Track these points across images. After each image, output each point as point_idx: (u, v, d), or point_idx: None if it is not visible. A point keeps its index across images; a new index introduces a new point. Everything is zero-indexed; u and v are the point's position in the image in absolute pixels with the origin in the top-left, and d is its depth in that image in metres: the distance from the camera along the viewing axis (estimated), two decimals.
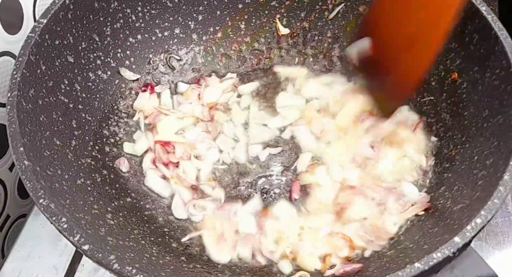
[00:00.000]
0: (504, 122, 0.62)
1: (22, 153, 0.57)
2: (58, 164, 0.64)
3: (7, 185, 0.83)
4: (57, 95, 0.69)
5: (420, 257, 0.51)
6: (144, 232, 0.68)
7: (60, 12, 0.69)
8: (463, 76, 0.72)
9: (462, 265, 0.54)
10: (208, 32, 0.89)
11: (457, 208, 0.61)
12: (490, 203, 0.53)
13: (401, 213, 0.68)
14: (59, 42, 0.70)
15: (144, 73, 0.85)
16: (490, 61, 0.66)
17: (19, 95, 0.61)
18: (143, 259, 0.60)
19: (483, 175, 0.60)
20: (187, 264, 0.65)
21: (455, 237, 0.51)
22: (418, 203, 0.69)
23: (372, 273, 0.59)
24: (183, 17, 0.86)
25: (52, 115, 0.67)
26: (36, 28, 0.66)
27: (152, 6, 0.83)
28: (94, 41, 0.77)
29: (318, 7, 0.87)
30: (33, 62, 0.65)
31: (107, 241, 0.59)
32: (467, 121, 0.70)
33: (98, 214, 0.64)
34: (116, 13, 0.79)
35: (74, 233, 0.53)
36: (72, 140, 0.70)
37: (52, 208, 0.54)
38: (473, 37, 0.69)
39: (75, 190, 0.64)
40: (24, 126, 0.60)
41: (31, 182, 0.56)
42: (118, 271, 0.51)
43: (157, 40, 0.86)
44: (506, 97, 0.63)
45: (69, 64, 0.72)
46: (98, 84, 0.78)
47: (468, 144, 0.68)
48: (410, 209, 0.68)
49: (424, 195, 0.70)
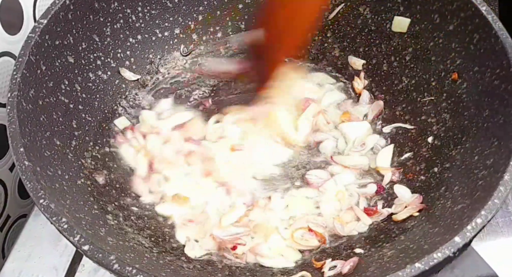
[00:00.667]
0: (505, 122, 0.62)
1: (22, 153, 0.57)
2: (58, 164, 0.64)
3: (7, 185, 0.83)
4: (57, 95, 0.69)
5: (420, 257, 0.51)
6: (144, 232, 0.68)
7: (60, 12, 0.69)
8: (463, 76, 0.72)
9: (463, 265, 0.54)
10: (208, 32, 0.89)
11: (457, 208, 0.61)
12: (491, 203, 0.53)
13: (395, 215, 0.69)
14: (59, 43, 0.70)
15: (144, 74, 0.85)
16: (490, 61, 0.66)
17: (19, 95, 0.61)
18: (143, 259, 0.60)
19: (484, 175, 0.60)
20: (187, 264, 0.65)
21: (456, 237, 0.51)
22: (411, 204, 0.69)
23: (372, 273, 0.59)
24: (183, 17, 0.86)
25: (52, 115, 0.67)
26: (36, 29, 0.66)
27: (152, 6, 0.83)
28: (94, 42, 0.77)
29: None
30: (33, 63, 0.65)
31: (107, 241, 0.59)
32: (467, 121, 0.70)
33: (98, 214, 0.64)
34: (116, 13, 0.79)
35: (74, 233, 0.53)
36: (72, 140, 0.70)
37: (52, 208, 0.54)
38: (473, 37, 0.69)
39: (75, 190, 0.64)
40: (24, 127, 0.60)
41: (31, 182, 0.56)
42: (118, 271, 0.51)
43: (157, 41, 0.86)
44: (506, 97, 0.63)
45: (69, 65, 0.72)
46: (98, 84, 0.78)
47: (469, 144, 0.68)
48: (404, 211, 0.68)
49: (416, 195, 0.70)
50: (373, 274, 0.58)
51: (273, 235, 0.70)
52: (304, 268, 0.66)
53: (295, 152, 0.79)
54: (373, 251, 0.65)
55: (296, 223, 0.71)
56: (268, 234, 0.70)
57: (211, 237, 0.69)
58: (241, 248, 0.68)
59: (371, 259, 0.63)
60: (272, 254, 0.68)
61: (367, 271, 0.60)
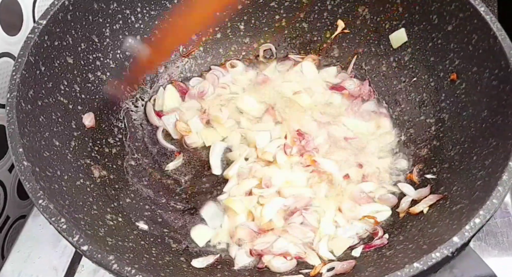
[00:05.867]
0: (503, 122, 0.62)
1: (21, 154, 0.57)
2: (57, 164, 0.64)
3: (6, 186, 0.83)
4: (57, 96, 0.69)
5: (419, 257, 0.51)
6: (143, 232, 0.68)
7: (59, 13, 0.69)
8: (462, 76, 0.72)
9: (461, 265, 0.54)
10: (207, 33, 0.89)
11: (456, 208, 0.61)
12: (489, 203, 0.53)
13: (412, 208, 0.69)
14: (59, 43, 0.70)
15: (143, 74, 0.85)
16: (489, 61, 0.66)
17: (18, 96, 0.61)
18: (142, 260, 0.60)
19: (482, 175, 0.60)
20: (187, 264, 0.65)
21: (454, 237, 0.51)
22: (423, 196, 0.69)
23: (371, 273, 0.59)
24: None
25: (52, 116, 0.67)
26: (35, 29, 0.66)
27: (151, 7, 0.83)
28: (93, 42, 0.77)
29: (317, 7, 0.87)
30: (32, 63, 0.65)
31: (106, 241, 0.59)
32: (466, 121, 0.70)
33: (97, 215, 0.64)
34: (115, 14, 0.79)
35: (73, 234, 0.53)
36: (72, 141, 0.70)
37: (51, 209, 0.54)
38: (472, 38, 0.69)
39: (75, 191, 0.64)
40: (23, 127, 0.60)
41: (30, 182, 0.56)
42: (117, 272, 0.51)
43: (157, 41, 0.86)
44: (505, 98, 0.63)
45: (69, 65, 0.72)
46: (97, 85, 0.78)
47: (467, 144, 0.68)
48: (421, 202, 0.68)
49: (425, 189, 0.70)
50: (372, 274, 0.58)
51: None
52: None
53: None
54: (372, 251, 0.65)
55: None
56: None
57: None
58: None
59: (370, 259, 0.63)
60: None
61: (365, 271, 0.60)
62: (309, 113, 0.82)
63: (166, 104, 0.85)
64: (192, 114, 0.84)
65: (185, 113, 0.84)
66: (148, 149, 0.81)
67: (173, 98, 0.86)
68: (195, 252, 0.69)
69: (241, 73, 0.89)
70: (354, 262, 0.63)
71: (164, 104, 0.85)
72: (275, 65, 0.89)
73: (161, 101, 0.85)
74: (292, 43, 0.90)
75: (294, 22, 0.89)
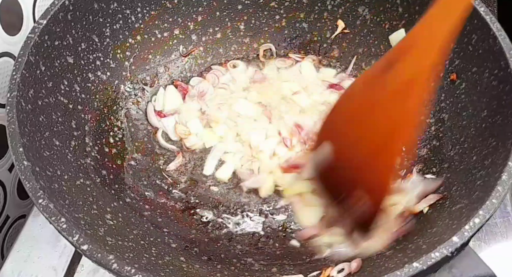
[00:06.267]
0: (503, 122, 0.62)
1: (21, 153, 0.57)
2: (57, 164, 0.64)
3: (6, 185, 0.84)
4: (57, 96, 0.69)
5: (418, 257, 0.51)
6: (143, 232, 0.68)
7: (59, 13, 0.69)
8: (461, 76, 0.72)
9: (461, 265, 0.54)
10: (208, 33, 0.89)
11: (455, 208, 0.61)
12: (489, 202, 0.53)
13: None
14: (59, 43, 0.70)
15: (143, 74, 0.85)
16: (489, 61, 0.66)
17: (18, 96, 0.61)
18: (142, 259, 0.60)
19: (482, 175, 0.60)
20: (186, 264, 0.65)
21: (454, 237, 0.51)
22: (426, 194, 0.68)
23: (371, 272, 0.59)
24: (182, 18, 0.87)
25: (52, 116, 0.67)
26: (35, 29, 0.66)
27: (151, 7, 0.83)
28: (93, 42, 0.77)
29: (317, 8, 0.87)
30: (32, 63, 0.65)
31: (106, 241, 0.59)
32: (465, 121, 0.70)
33: (97, 214, 0.64)
34: (115, 14, 0.79)
35: (73, 233, 0.53)
36: (72, 140, 0.70)
37: (51, 208, 0.54)
38: (471, 38, 0.69)
39: (75, 190, 0.64)
40: (23, 127, 0.60)
41: (30, 182, 0.56)
42: (117, 271, 0.51)
43: (157, 41, 0.86)
44: (504, 98, 0.63)
45: (69, 65, 0.72)
46: (97, 85, 0.78)
47: (467, 144, 0.68)
48: (421, 202, 0.67)
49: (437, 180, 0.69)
50: (371, 274, 0.58)
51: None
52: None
53: None
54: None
55: None
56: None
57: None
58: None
59: (369, 259, 0.63)
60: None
61: (365, 271, 0.60)
62: (308, 114, 0.82)
63: (167, 104, 0.85)
64: (192, 116, 0.84)
65: (184, 115, 0.84)
66: (148, 149, 0.81)
67: (174, 99, 0.86)
68: (195, 252, 0.69)
69: (241, 72, 0.89)
70: (361, 261, 0.63)
71: (165, 104, 0.85)
72: (275, 63, 0.89)
73: (161, 102, 0.85)
74: (292, 43, 0.90)
75: (294, 22, 0.89)
